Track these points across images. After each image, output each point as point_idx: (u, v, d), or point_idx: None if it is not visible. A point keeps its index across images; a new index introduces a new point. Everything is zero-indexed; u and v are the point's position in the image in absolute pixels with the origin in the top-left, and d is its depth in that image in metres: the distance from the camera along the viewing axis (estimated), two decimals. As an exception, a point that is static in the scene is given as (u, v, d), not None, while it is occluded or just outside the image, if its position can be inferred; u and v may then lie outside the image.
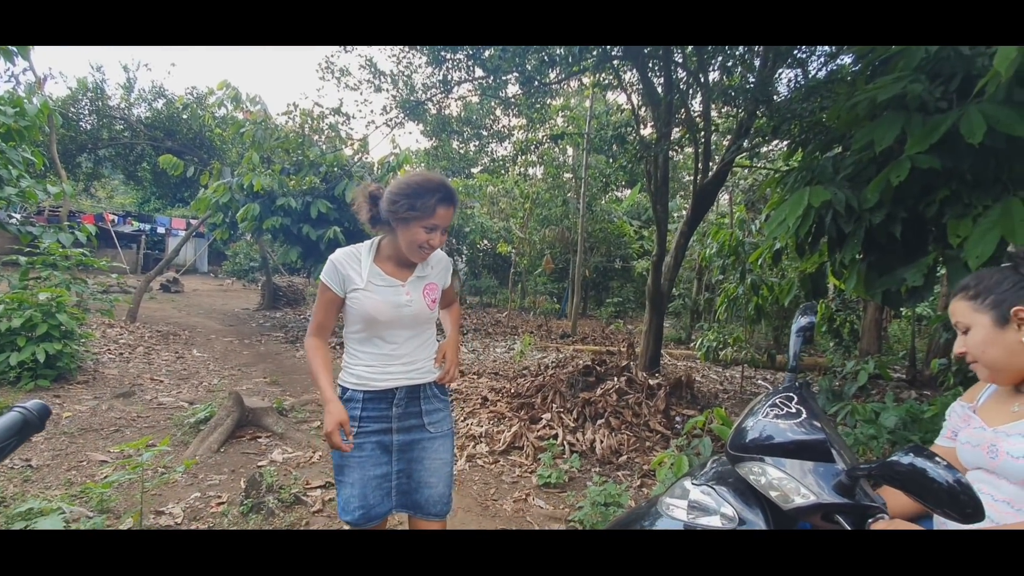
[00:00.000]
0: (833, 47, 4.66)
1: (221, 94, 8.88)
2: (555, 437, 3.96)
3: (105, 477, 2.89)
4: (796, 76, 5.34)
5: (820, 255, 3.61)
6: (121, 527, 2.54)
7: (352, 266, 1.55)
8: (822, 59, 5.06)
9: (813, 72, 5.07)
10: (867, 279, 2.99)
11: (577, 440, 3.94)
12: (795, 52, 4.81)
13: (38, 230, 5.86)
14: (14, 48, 3.95)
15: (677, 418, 4.28)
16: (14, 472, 3.07)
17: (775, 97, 4.73)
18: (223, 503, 2.87)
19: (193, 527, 2.64)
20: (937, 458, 0.88)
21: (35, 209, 6.87)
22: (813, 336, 1.48)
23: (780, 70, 5.05)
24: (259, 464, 3.39)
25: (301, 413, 4.49)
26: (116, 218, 18.36)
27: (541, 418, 4.26)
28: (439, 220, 1.46)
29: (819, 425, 1.23)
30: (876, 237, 2.75)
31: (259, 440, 3.80)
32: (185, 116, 14.51)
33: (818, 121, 3.90)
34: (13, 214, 6.26)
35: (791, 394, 1.34)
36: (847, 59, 4.47)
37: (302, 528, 2.67)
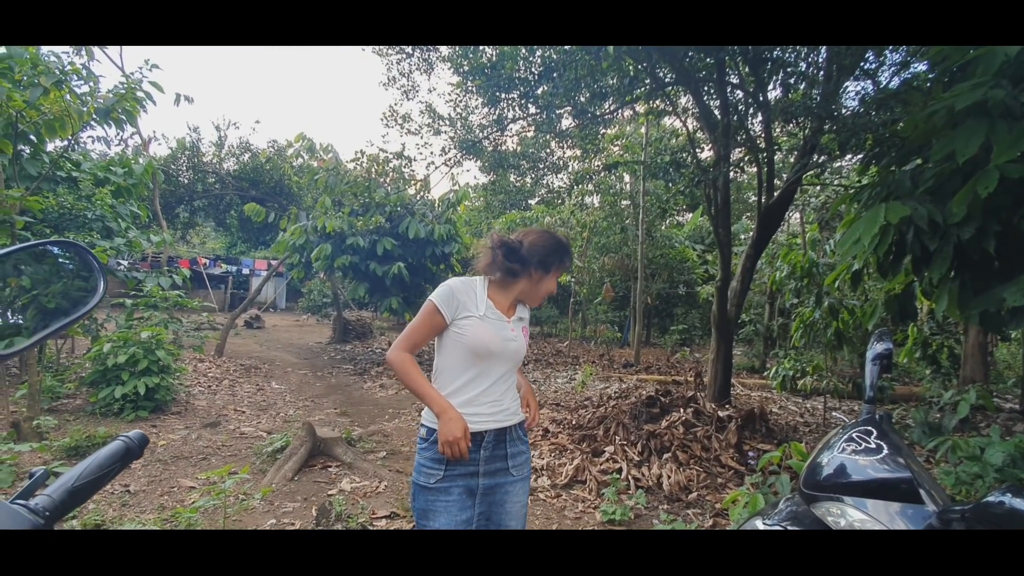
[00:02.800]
0: (905, 55, 4.42)
1: (298, 146, 9.66)
2: (619, 471, 3.83)
3: (193, 502, 3.10)
4: (865, 88, 5.08)
5: (906, 275, 3.35)
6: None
7: (469, 295, 1.60)
8: (893, 68, 4.79)
9: (884, 82, 4.81)
10: (961, 299, 2.73)
11: (642, 475, 3.79)
12: (862, 64, 4.60)
13: (142, 275, 6.55)
14: (123, 116, 4.53)
15: (751, 453, 4.02)
16: (114, 497, 3.36)
17: (842, 111, 4.51)
18: (296, 530, 2.99)
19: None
20: (1039, 500, 0.78)
21: (140, 256, 7.72)
22: (891, 364, 1.36)
23: (846, 83, 4.83)
24: (329, 493, 3.52)
25: (368, 444, 4.63)
26: (208, 261, 20.16)
27: (604, 451, 4.14)
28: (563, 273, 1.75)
29: (903, 462, 1.13)
30: (968, 253, 2.52)
31: (329, 469, 3.95)
32: (267, 167, 15.88)
33: (892, 133, 3.67)
34: (121, 261, 7.04)
35: (870, 427, 1.25)
36: (921, 67, 4.21)
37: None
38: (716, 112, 5.38)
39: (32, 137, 4.93)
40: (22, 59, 4.41)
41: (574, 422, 4.83)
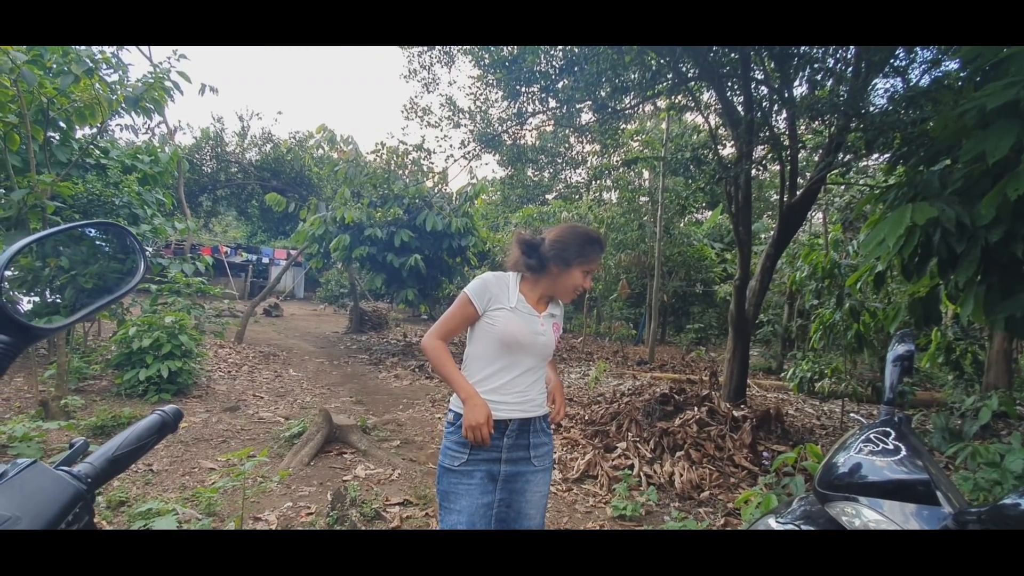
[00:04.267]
0: (936, 53, 4.31)
1: (319, 137, 9.80)
2: (631, 467, 3.83)
3: (213, 483, 3.19)
4: (894, 86, 4.96)
5: (931, 277, 3.28)
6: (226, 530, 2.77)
7: (501, 288, 1.65)
8: (924, 66, 4.67)
9: (914, 80, 4.68)
10: (987, 303, 2.67)
11: (654, 472, 3.79)
12: (892, 61, 4.49)
13: (166, 261, 6.71)
14: (151, 105, 4.63)
15: (765, 453, 3.99)
16: (137, 476, 3.47)
17: (870, 109, 4.41)
18: (311, 514, 3.06)
19: (285, 535, 2.83)
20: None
21: (164, 243, 7.92)
22: (912, 366, 1.35)
23: (875, 80, 4.72)
24: (344, 478, 3.58)
25: (382, 432, 4.69)
26: (229, 250, 20.51)
27: (616, 447, 4.15)
28: (595, 266, 1.69)
29: (921, 464, 1.12)
30: (995, 257, 2.47)
31: (345, 455, 4.02)
32: (288, 158, 16.09)
33: (921, 132, 3.59)
34: (147, 248, 7.20)
35: (888, 429, 1.24)
36: (952, 65, 4.09)
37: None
38: (739, 108, 5.30)
39: (62, 124, 5.06)
40: (52, 48, 4.52)
41: (587, 417, 4.84)
